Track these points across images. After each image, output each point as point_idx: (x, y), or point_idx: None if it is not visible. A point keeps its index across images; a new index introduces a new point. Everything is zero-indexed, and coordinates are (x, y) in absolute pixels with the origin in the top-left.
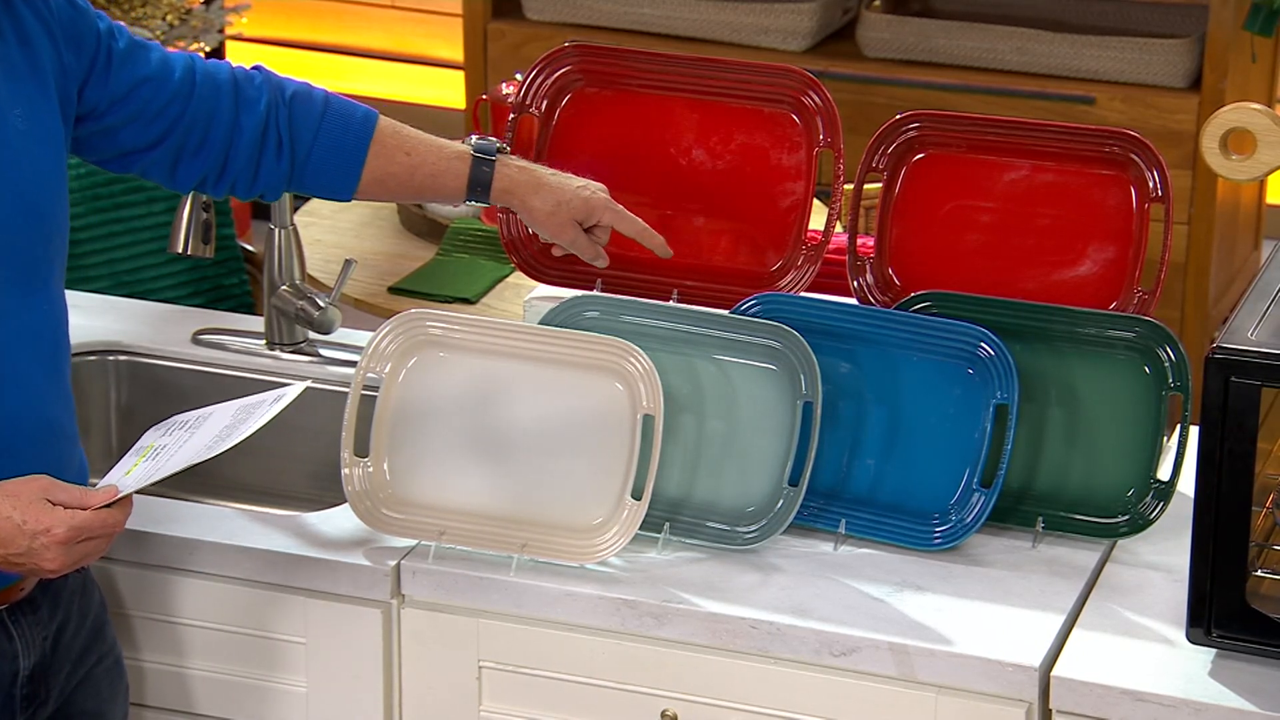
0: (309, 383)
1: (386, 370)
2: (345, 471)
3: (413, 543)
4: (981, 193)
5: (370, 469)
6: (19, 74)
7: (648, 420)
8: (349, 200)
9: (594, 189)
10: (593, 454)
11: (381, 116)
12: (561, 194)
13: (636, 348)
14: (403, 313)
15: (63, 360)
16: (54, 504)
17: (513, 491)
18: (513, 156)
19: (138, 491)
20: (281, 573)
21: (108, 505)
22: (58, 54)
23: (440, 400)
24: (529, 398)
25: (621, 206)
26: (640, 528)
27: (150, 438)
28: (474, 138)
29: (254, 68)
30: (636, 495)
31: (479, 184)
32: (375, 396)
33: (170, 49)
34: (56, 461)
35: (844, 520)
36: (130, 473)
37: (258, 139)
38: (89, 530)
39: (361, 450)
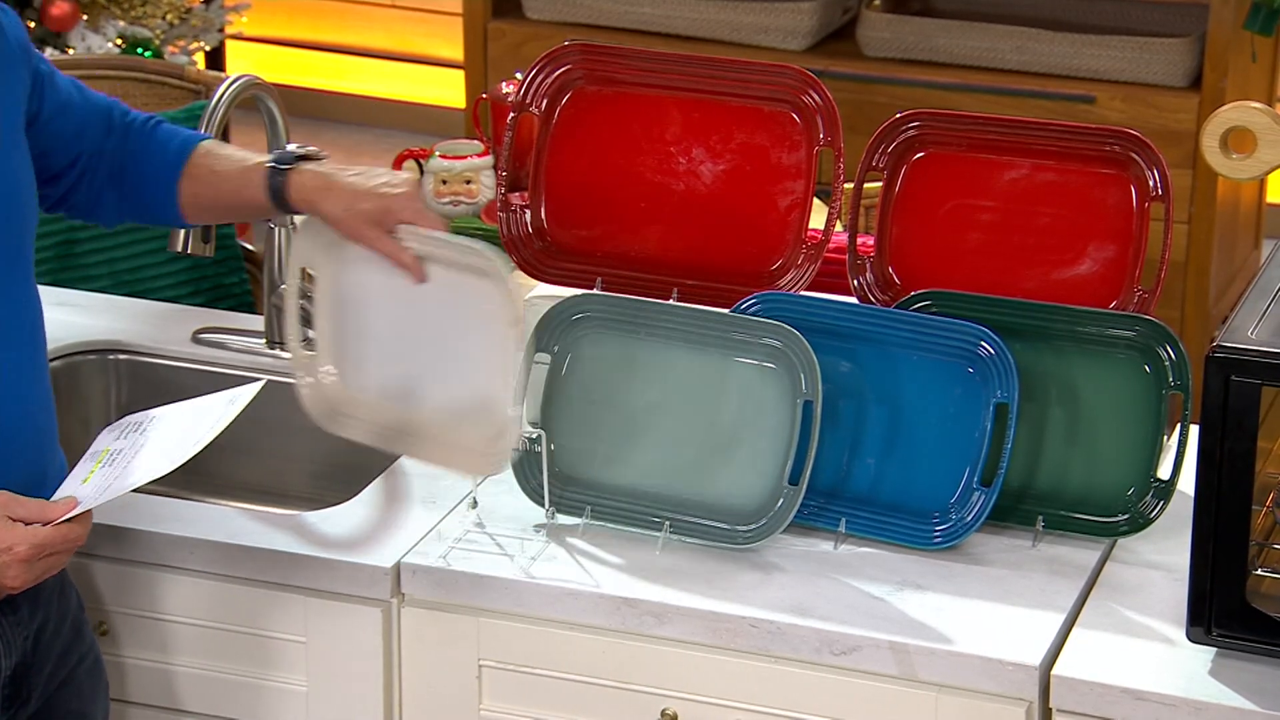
0: (265, 381)
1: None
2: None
3: (413, 542)
4: (982, 192)
5: (317, 365)
6: None
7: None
8: (184, 225)
9: (397, 184)
10: (480, 365)
11: (207, 141)
12: (353, 196)
13: (495, 258)
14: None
15: (41, 355)
16: (14, 520)
17: (416, 398)
18: (315, 162)
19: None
20: (281, 572)
21: (68, 519)
22: (17, 52)
23: (362, 299)
24: (425, 305)
25: (425, 208)
26: (640, 526)
27: (104, 441)
28: (292, 147)
29: (111, 100)
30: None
31: (276, 193)
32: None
33: (172, 49)
34: (38, 461)
35: (844, 519)
36: (88, 480)
37: (106, 170)
38: (51, 546)
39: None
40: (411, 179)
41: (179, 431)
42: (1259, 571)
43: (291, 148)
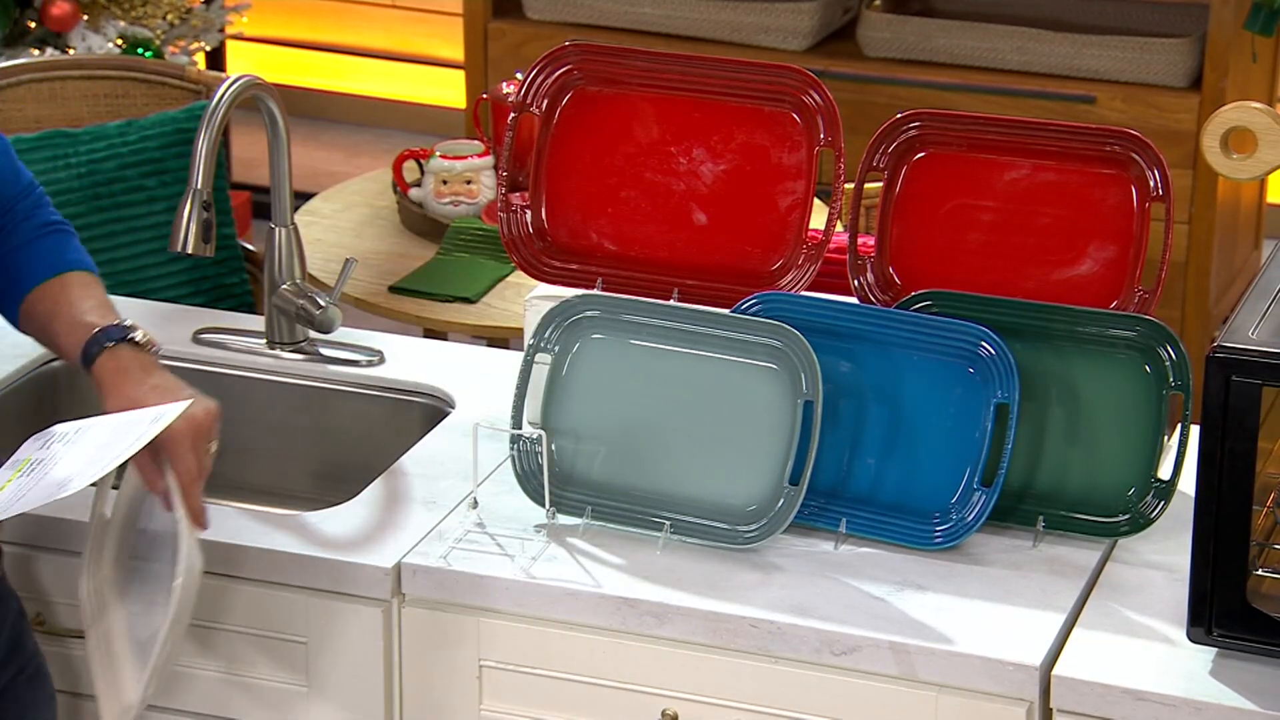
0: (189, 403)
1: None
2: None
3: (413, 542)
4: (982, 192)
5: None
6: None
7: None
8: (17, 327)
9: (168, 416)
10: None
11: (75, 274)
12: (128, 406)
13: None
14: None
15: None
16: None
17: None
18: (134, 349)
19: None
20: (281, 572)
21: None
22: None
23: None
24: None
25: (187, 451)
26: (640, 526)
27: (28, 449)
28: (127, 321)
29: (36, 185)
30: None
31: (85, 361)
32: None
33: (173, 49)
34: None
35: (844, 519)
36: (3, 489)
37: None
38: None
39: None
40: (208, 408)
41: (98, 447)
42: (1259, 572)
43: (126, 323)
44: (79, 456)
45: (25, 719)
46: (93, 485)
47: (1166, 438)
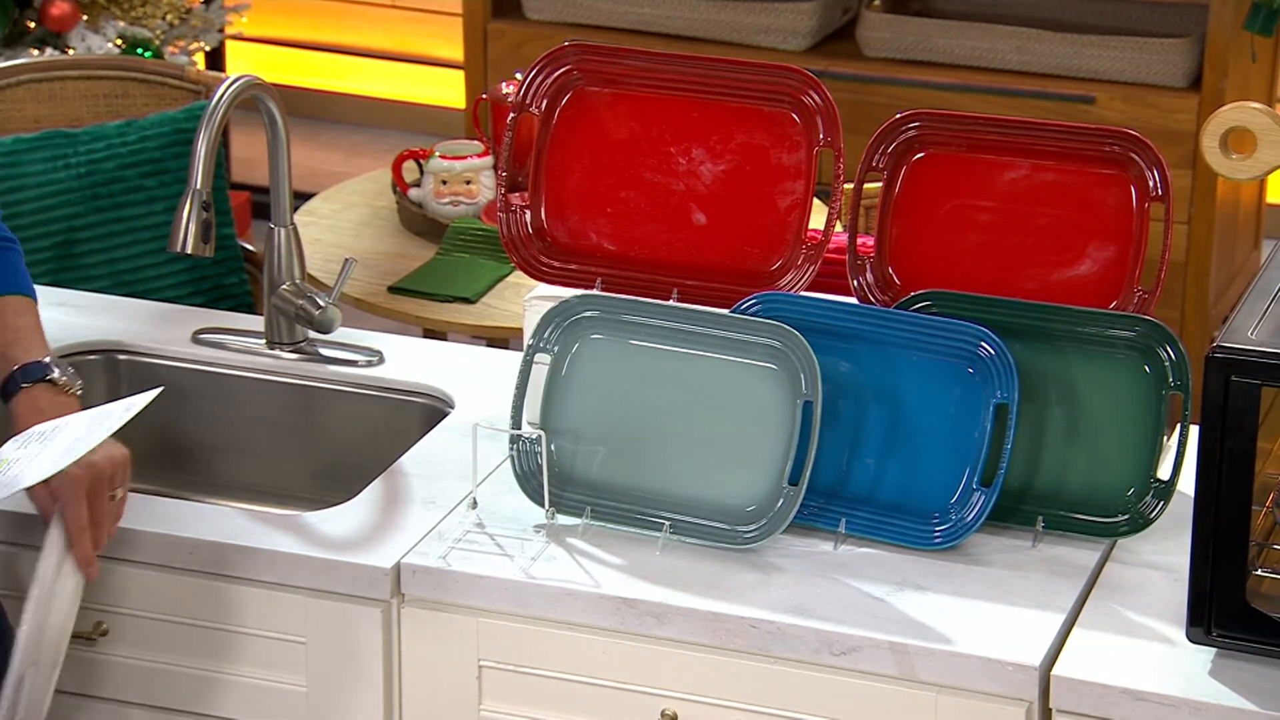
0: (160, 390)
1: None
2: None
3: (413, 542)
4: (981, 192)
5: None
6: None
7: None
8: None
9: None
10: None
11: (20, 298)
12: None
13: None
14: None
15: None
16: None
17: None
18: (50, 392)
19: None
20: (281, 572)
21: None
22: None
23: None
24: None
25: (80, 498)
26: (640, 526)
27: (6, 450)
28: (47, 359)
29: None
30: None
31: (3, 397)
32: None
33: (172, 49)
34: None
35: (844, 519)
36: None
37: None
38: None
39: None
40: (111, 457)
41: (72, 440)
42: (1259, 572)
43: (45, 361)
44: (54, 449)
45: None
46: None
47: (1166, 438)
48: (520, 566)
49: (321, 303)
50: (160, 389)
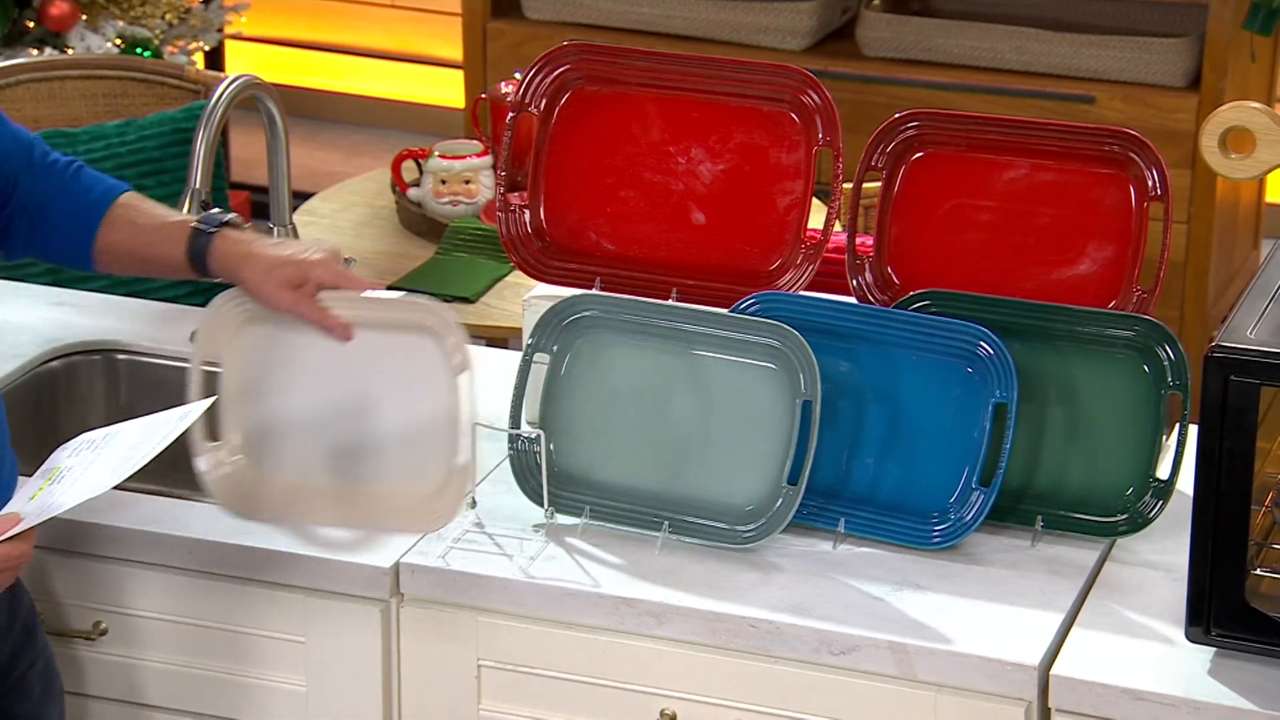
0: (215, 399)
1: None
2: (199, 459)
3: (412, 542)
4: (981, 192)
5: (225, 455)
6: None
7: (464, 380)
8: (89, 269)
9: (314, 251)
10: (419, 418)
11: (130, 192)
12: (271, 262)
13: (444, 308)
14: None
15: None
16: None
17: (351, 464)
18: (239, 230)
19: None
20: (280, 572)
21: (11, 537)
22: None
23: (275, 378)
24: (351, 367)
25: (346, 271)
26: (640, 526)
27: (58, 458)
28: (216, 211)
29: (34, 136)
30: (465, 456)
31: (196, 255)
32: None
33: (172, 49)
34: None
35: (843, 519)
36: (35, 497)
37: (22, 202)
38: None
39: (213, 435)
40: (333, 247)
41: (127, 448)
42: (1258, 571)
43: (215, 212)
44: (108, 460)
45: (36, 711)
46: (114, 488)
47: (1165, 437)
48: (519, 566)
49: None
50: (214, 398)
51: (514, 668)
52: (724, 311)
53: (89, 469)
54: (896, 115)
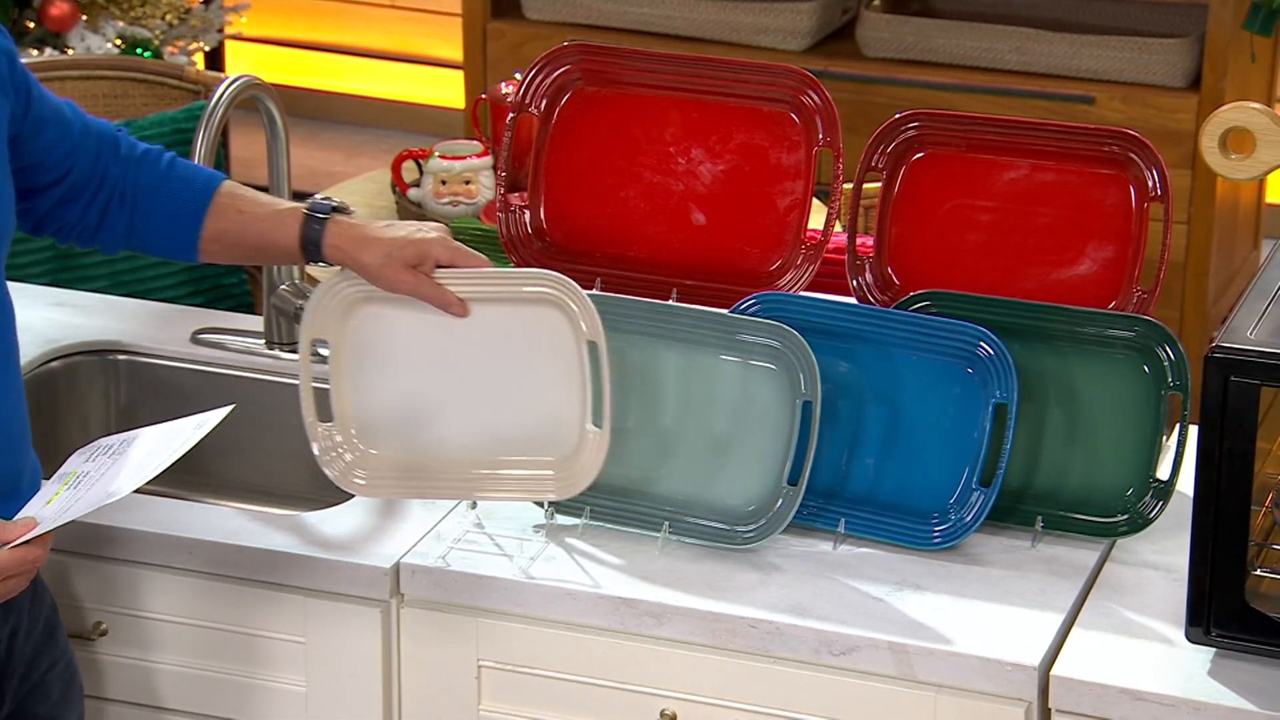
0: (233, 407)
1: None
2: (313, 441)
3: (412, 542)
4: (981, 192)
5: (337, 434)
6: None
7: (593, 348)
8: (194, 260)
9: (428, 230)
10: (545, 387)
11: (227, 180)
12: (390, 245)
13: (566, 279)
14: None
15: (13, 361)
16: None
17: (473, 437)
18: (348, 216)
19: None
20: (280, 572)
21: (26, 540)
22: (3, 62)
23: (390, 356)
24: (472, 342)
25: (461, 245)
26: (640, 526)
27: (74, 464)
28: (316, 197)
29: (118, 127)
30: (597, 424)
31: (310, 242)
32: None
33: (172, 49)
34: (11, 467)
35: (843, 519)
36: (51, 502)
37: (110, 193)
38: (8, 570)
39: (325, 415)
40: (441, 226)
41: (144, 454)
42: (1258, 572)
43: (322, 198)
44: (125, 466)
45: (56, 713)
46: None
47: (1165, 438)
48: (519, 566)
49: None
50: (233, 406)
51: (514, 668)
52: (724, 312)
53: (105, 474)
54: (896, 115)
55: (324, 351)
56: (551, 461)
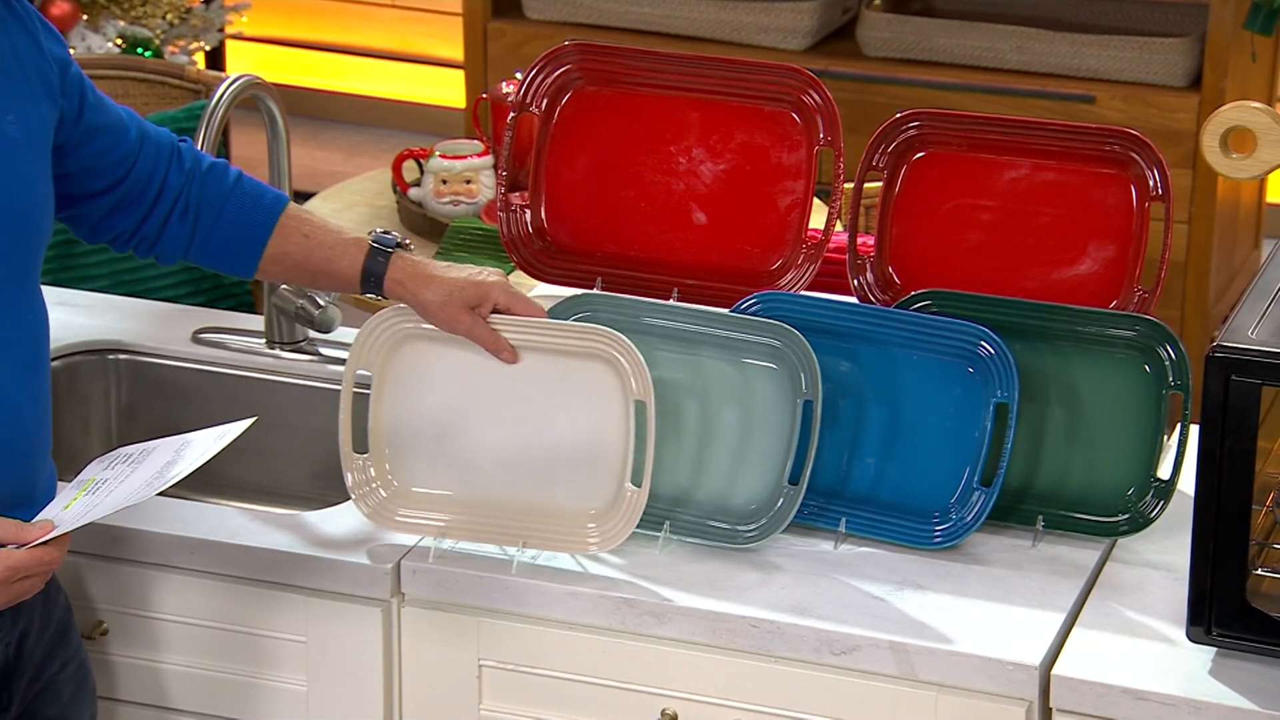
0: (254, 419)
1: (376, 365)
2: (347, 473)
3: (413, 541)
4: (982, 191)
5: (371, 467)
6: (14, 79)
7: (640, 407)
8: (251, 277)
9: (487, 274)
10: (588, 442)
11: (291, 203)
12: (452, 285)
13: (622, 336)
14: (386, 309)
15: (42, 369)
16: None
17: (511, 483)
18: (409, 251)
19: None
20: (281, 572)
21: (44, 542)
22: (50, 69)
23: (433, 393)
24: (519, 389)
25: (520, 293)
26: (640, 526)
27: (93, 470)
28: (378, 230)
29: (181, 139)
30: (636, 482)
31: (372, 274)
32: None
33: (172, 48)
34: (29, 475)
35: (844, 519)
36: (69, 507)
37: (171, 204)
38: (25, 570)
39: (360, 447)
40: (498, 269)
41: (163, 464)
42: (1259, 571)
43: (385, 233)
44: (144, 473)
45: (66, 714)
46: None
47: (1166, 437)
48: (520, 566)
49: (322, 302)
50: (254, 419)
51: (515, 668)
52: (725, 311)
53: (124, 481)
54: (897, 115)
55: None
56: (590, 516)
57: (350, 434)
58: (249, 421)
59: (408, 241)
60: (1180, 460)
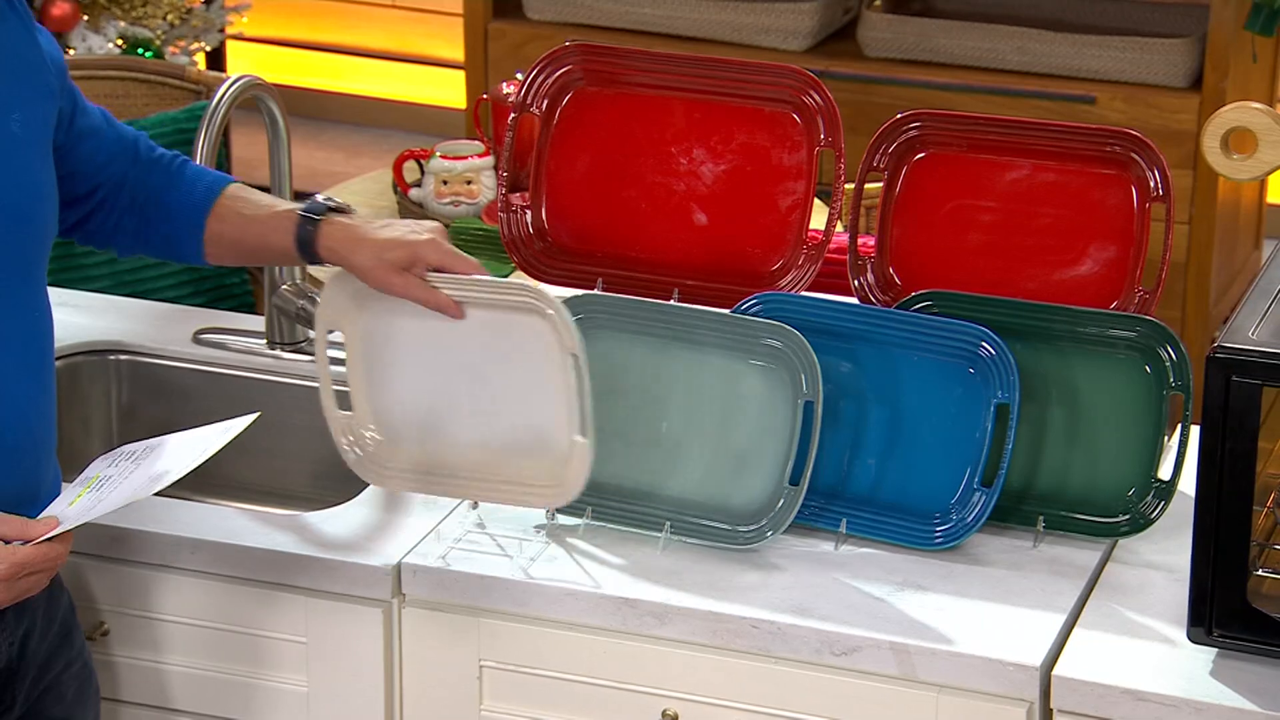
0: (258, 414)
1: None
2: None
3: (413, 542)
4: (982, 192)
5: (364, 428)
6: (18, 77)
7: (574, 361)
8: (201, 263)
9: (423, 230)
10: (531, 396)
11: (235, 183)
12: (380, 246)
13: (546, 292)
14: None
15: (48, 366)
16: None
17: (467, 441)
18: (344, 215)
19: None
20: (282, 572)
21: (49, 538)
22: (49, 69)
23: (395, 351)
24: (462, 345)
25: (454, 249)
26: (641, 527)
27: (97, 467)
28: (317, 196)
29: (137, 132)
30: (582, 434)
31: (304, 243)
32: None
33: (173, 49)
34: (33, 473)
35: (845, 520)
36: (74, 504)
37: (130, 199)
38: (30, 566)
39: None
40: (437, 226)
41: (168, 460)
42: (1260, 572)
43: (320, 198)
44: (148, 470)
45: (70, 714)
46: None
47: (1167, 438)
48: (520, 566)
49: None
50: (257, 414)
51: (515, 668)
52: (726, 312)
53: (128, 478)
54: (898, 116)
55: (337, 339)
56: (544, 469)
57: (332, 390)
58: (253, 416)
59: (347, 205)
60: (1181, 461)
